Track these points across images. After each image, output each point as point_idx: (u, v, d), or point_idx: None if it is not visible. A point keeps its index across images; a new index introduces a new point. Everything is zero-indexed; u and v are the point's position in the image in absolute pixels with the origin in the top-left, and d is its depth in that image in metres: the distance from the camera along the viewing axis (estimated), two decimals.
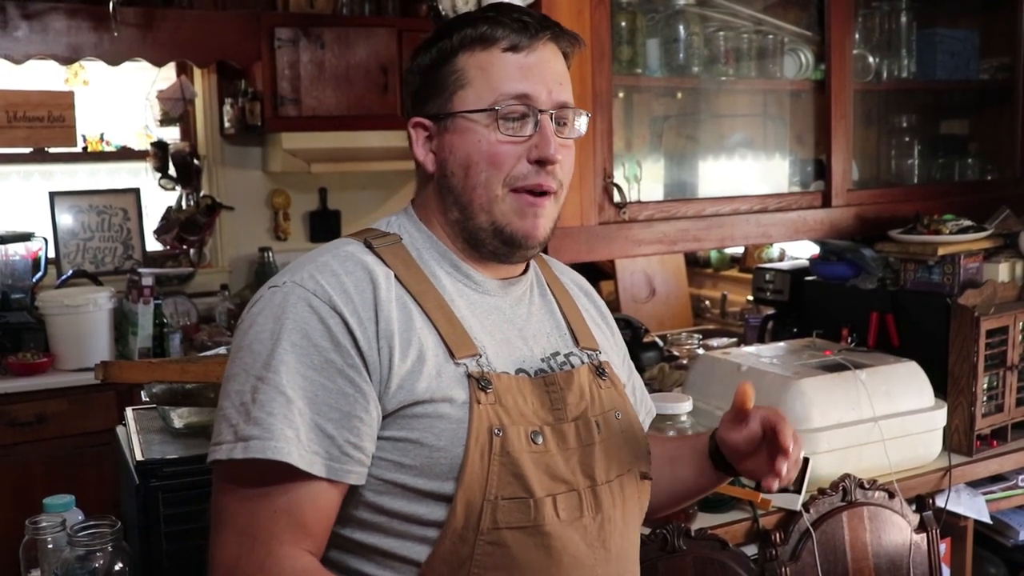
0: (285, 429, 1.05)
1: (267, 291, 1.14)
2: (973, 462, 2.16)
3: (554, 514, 1.12)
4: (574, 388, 1.21)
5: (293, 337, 1.08)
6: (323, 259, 1.16)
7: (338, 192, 4.51)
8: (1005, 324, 2.18)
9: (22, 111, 3.80)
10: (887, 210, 2.55)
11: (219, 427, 1.09)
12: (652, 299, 4.09)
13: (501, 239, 1.20)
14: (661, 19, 2.35)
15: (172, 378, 1.71)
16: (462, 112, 1.18)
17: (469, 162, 1.18)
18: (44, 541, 1.57)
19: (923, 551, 2.03)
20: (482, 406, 1.11)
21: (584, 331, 1.32)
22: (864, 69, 2.63)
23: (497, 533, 1.09)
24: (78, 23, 3.59)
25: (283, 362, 1.07)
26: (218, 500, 1.10)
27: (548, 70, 1.19)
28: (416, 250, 1.22)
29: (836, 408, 1.97)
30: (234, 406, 1.08)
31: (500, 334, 1.21)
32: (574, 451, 1.17)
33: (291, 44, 3.92)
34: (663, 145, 2.52)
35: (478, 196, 1.18)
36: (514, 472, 1.10)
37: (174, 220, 4.15)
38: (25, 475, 3.20)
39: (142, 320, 3.48)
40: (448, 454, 1.09)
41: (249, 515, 1.07)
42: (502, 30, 1.17)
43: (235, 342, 1.14)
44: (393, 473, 1.10)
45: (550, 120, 1.18)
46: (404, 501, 1.10)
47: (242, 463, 1.05)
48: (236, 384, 1.09)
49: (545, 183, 1.19)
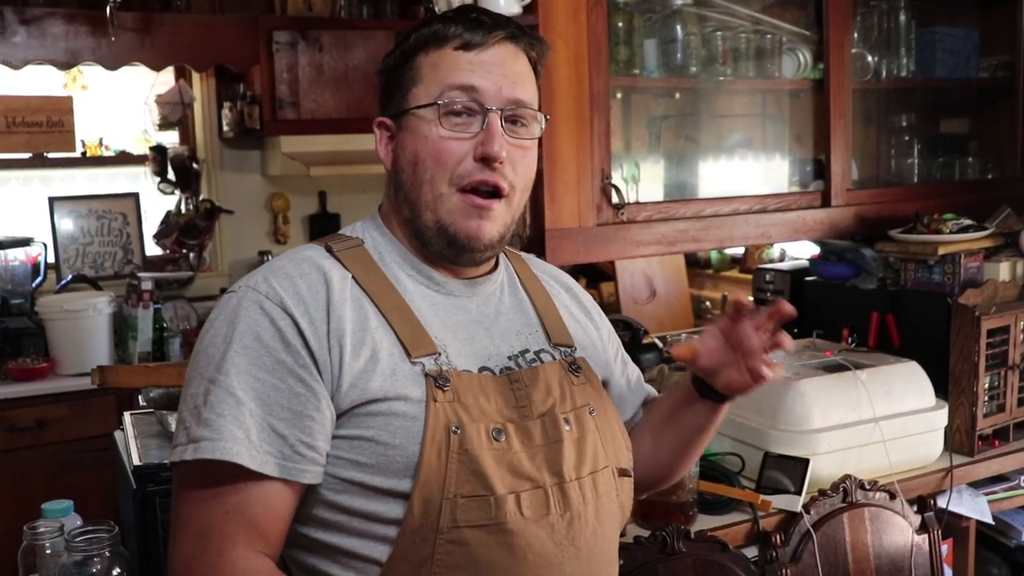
0: (235, 430, 1.06)
1: (224, 297, 1.17)
2: (975, 462, 2.15)
3: (517, 512, 1.11)
4: (540, 385, 1.21)
5: (244, 339, 1.10)
6: (279, 263, 1.18)
7: (337, 195, 4.52)
8: (1006, 323, 2.17)
9: (21, 116, 3.80)
10: (887, 210, 2.55)
11: (176, 430, 1.11)
12: (652, 300, 4.09)
13: (445, 239, 1.20)
14: (658, 19, 2.35)
15: (169, 382, 1.71)
16: (412, 108, 1.19)
17: (416, 159, 1.19)
18: (42, 546, 1.56)
19: (925, 552, 2.02)
20: (439, 404, 1.11)
21: (559, 328, 1.31)
22: (863, 68, 2.63)
23: (457, 532, 1.09)
24: (76, 28, 3.59)
25: (234, 364, 1.09)
26: (175, 504, 1.12)
27: (501, 67, 1.19)
28: (378, 253, 1.23)
29: (836, 409, 1.96)
30: (188, 409, 1.10)
31: (464, 332, 1.21)
32: (539, 448, 1.16)
33: (289, 47, 3.92)
34: (661, 146, 2.52)
35: (424, 194, 1.19)
36: (473, 470, 1.10)
37: (173, 224, 4.15)
38: (25, 480, 3.19)
39: (142, 324, 3.47)
40: (403, 452, 1.09)
41: (202, 516, 1.08)
42: (455, 28, 1.18)
43: (195, 347, 1.16)
44: (350, 471, 1.11)
45: (498, 117, 1.17)
46: (363, 499, 1.11)
47: (195, 465, 1.07)
48: (191, 388, 1.11)
49: (491, 179, 1.17)
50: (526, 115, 1.21)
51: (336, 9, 4.19)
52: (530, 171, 1.24)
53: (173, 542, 1.11)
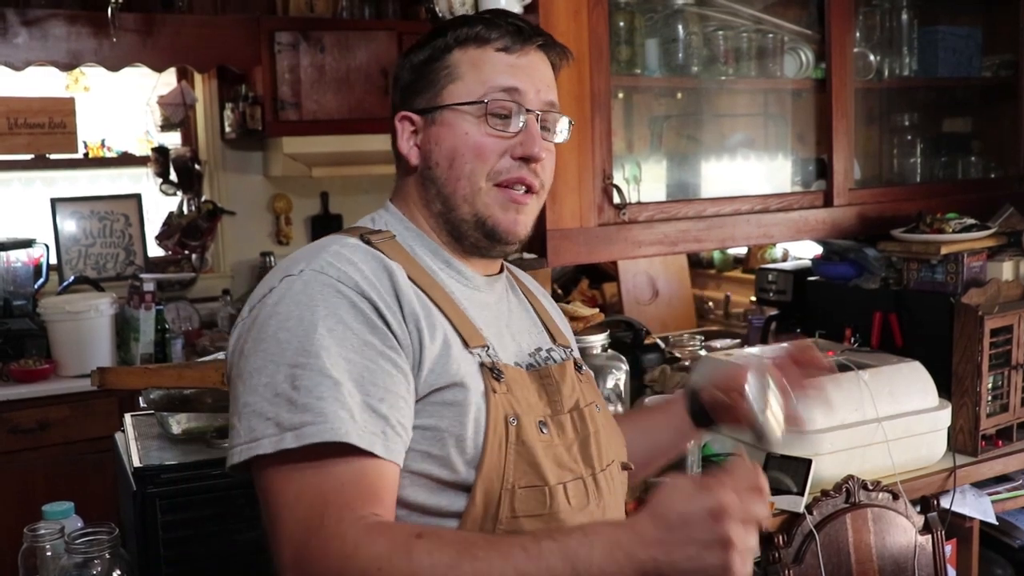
0: (339, 410, 1.01)
1: (282, 281, 1.10)
2: (978, 462, 2.14)
3: (566, 501, 1.14)
4: (567, 380, 1.25)
5: (328, 322, 1.05)
6: (333, 248, 1.14)
7: (340, 196, 4.51)
8: (1009, 323, 2.17)
9: (23, 118, 3.81)
10: (889, 209, 2.54)
11: (249, 424, 1.03)
12: (655, 300, 4.08)
13: (483, 231, 1.22)
14: (660, 19, 2.34)
15: (169, 384, 1.70)
16: (452, 104, 1.20)
17: (455, 154, 1.20)
18: (43, 548, 1.56)
19: (928, 553, 2.02)
20: (498, 395, 1.12)
21: (557, 329, 1.36)
22: (865, 67, 2.62)
23: (515, 522, 1.10)
24: (78, 29, 3.59)
25: (322, 346, 1.04)
26: (272, 498, 1.02)
27: (537, 72, 1.24)
28: (408, 246, 1.23)
29: (839, 409, 1.95)
30: (266, 399, 1.03)
31: (493, 327, 1.23)
32: (573, 441, 1.20)
33: (291, 48, 3.92)
34: (663, 145, 2.51)
35: (461, 187, 1.20)
36: (529, 461, 1.12)
37: (176, 225, 4.15)
38: (27, 482, 3.19)
39: (144, 326, 3.47)
40: (473, 443, 1.09)
41: (312, 492, 1.00)
42: (496, 31, 1.22)
43: (251, 336, 1.09)
44: (420, 463, 1.09)
45: (536, 120, 1.22)
46: (426, 492, 1.10)
47: (294, 453, 1.00)
48: (263, 377, 1.04)
49: (528, 179, 1.21)
50: (555, 119, 1.26)
51: (338, 10, 4.20)
52: (552, 172, 1.28)
53: (279, 532, 1.01)
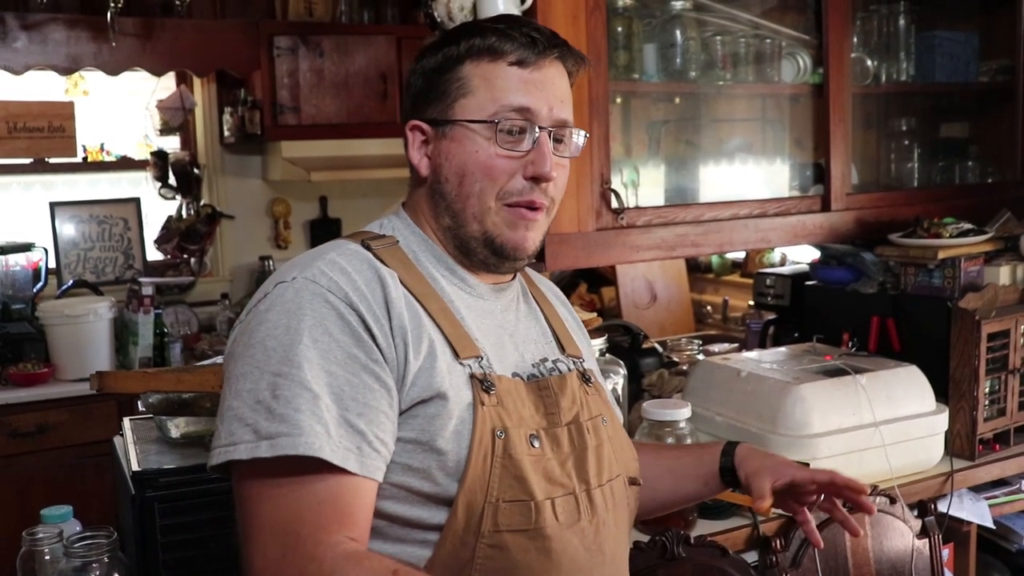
0: (314, 424, 1.01)
1: (275, 288, 1.11)
2: (975, 467, 2.14)
3: (553, 517, 1.12)
4: (567, 393, 1.22)
5: (314, 332, 1.05)
6: (329, 256, 1.14)
7: (339, 200, 4.52)
8: (1006, 327, 2.17)
9: (22, 122, 3.81)
10: (887, 214, 2.54)
11: (229, 427, 1.04)
12: (653, 305, 4.08)
13: (491, 249, 1.21)
14: (658, 24, 2.35)
15: (168, 388, 1.70)
16: (462, 120, 1.18)
17: (464, 171, 1.18)
18: (41, 552, 1.56)
19: (925, 557, 2.02)
20: (486, 407, 1.11)
21: (568, 339, 1.33)
22: (863, 72, 2.62)
23: (498, 536, 1.09)
24: (77, 33, 3.60)
25: (305, 357, 1.04)
26: (246, 503, 1.04)
27: (551, 87, 1.20)
28: (412, 252, 1.22)
29: (837, 413, 1.96)
30: (247, 405, 1.03)
31: (494, 337, 1.21)
32: (568, 455, 1.17)
33: (290, 52, 3.93)
34: (661, 150, 2.51)
35: (471, 205, 1.19)
36: (515, 475, 1.10)
37: (174, 229, 4.16)
38: (26, 486, 3.19)
39: (143, 330, 3.47)
40: (454, 456, 1.08)
41: (288, 510, 1.01)
42: (511, 44, 1.18)
43: (241, 340, 1.09)
44: (400, 475, 1.09)
45: (548, 137, 1.19)
46: (407, 505, 1.09)
47: (268, 462, 1.01)
48: (247, 383, 1.05)
49: (538, 200, 1.20)
50: (568, 134, 1.23)
51: (337, 14, 4.20)
52: (564, 186, 1.26)
53: (253, 543, 1.02)
